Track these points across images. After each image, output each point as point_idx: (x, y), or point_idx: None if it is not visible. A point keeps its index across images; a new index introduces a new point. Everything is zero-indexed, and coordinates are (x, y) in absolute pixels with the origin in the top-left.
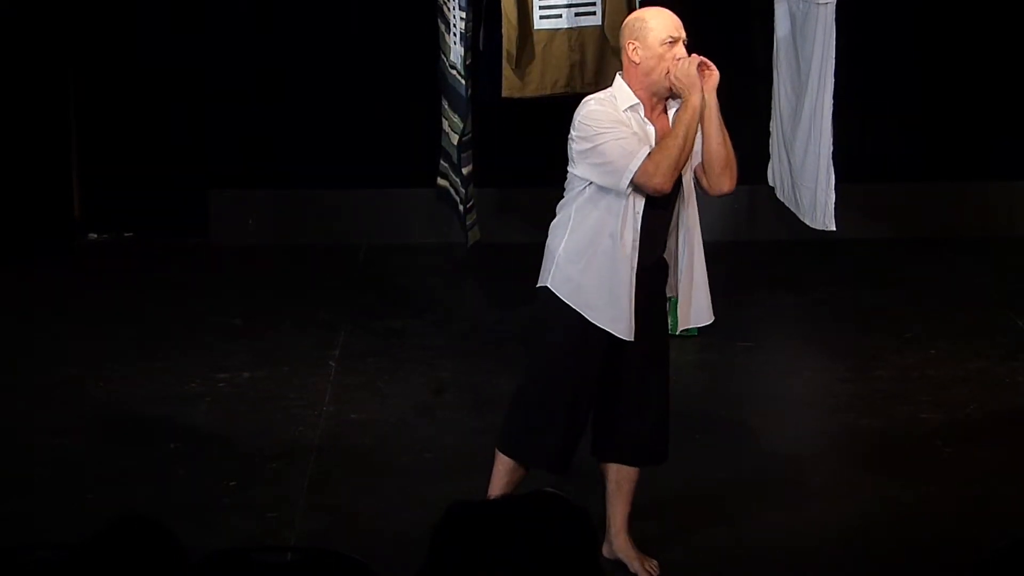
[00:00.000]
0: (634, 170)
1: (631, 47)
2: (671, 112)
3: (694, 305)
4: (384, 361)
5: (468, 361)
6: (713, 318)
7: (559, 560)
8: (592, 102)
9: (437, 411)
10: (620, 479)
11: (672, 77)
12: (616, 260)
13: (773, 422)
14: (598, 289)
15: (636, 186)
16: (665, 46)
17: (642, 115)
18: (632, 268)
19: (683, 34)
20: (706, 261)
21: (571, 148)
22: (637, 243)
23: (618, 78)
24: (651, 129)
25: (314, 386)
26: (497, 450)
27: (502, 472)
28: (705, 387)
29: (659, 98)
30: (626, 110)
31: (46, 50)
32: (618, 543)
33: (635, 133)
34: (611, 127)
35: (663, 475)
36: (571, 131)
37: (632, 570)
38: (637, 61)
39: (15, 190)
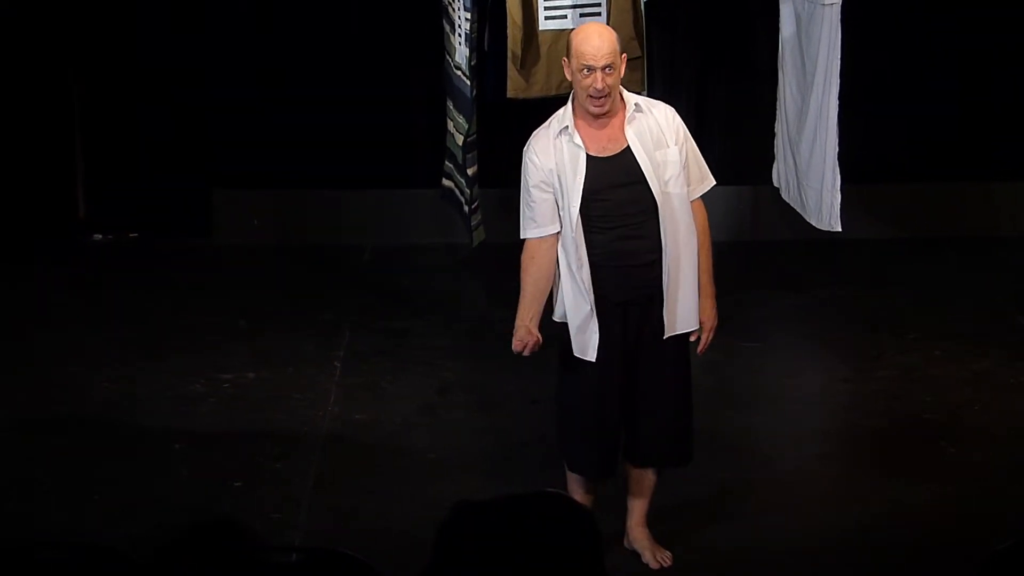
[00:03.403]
0: (523, 236)
1: (564, 65)
2: (631, 125)
3: (679, 311)
4: (388, 361)
5: (472, 361)
6: (698, 326)
7: (563, 560)
8: (534, 139)
9: (441, 411)
10: (639, 477)
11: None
12: (577, 286)
13: (776, 422)
14: (574, 321)
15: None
16: (581, 72)
17: (574, 138)
18: (587, 288)
19: (602, 63)
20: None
21: None
22: (585, 260)
23: (572, 93)
24: (581, 153)
25: (318, 386)
26: None
27: (571, 483)
28: (709, 387)
29: (598, 111)
30: (559, 134)
31: (49, 51)
32: (635, 535)
33: (548, 195)
34: (525, 184)
35: (669, 474)
36: None
37: (644, 560)
38: (568, 78)
39: (20, 191)
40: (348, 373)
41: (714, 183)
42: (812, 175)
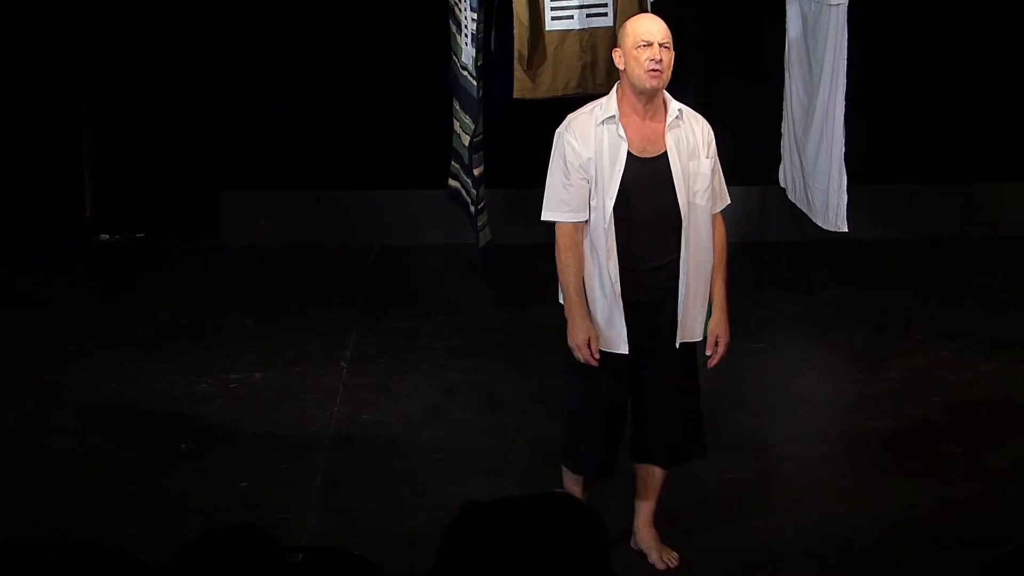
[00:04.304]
0: (550, 218)
1: (616, 55)
2: (671, 132)
3: (692, 321)
4: (395, 362)
5: (479, 362)
6: (701, 338)
7: (571, 561)
8: (573, 122)
9: (448, 412)
10: (647, 476)
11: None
12: (602, 279)
13: (783, 423)
14: (594, 315)
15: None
16: (639, 48)
17: (618, 129)
18: (613, 281)
19: (659, 39)
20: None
21: None
22: (614, 253)
23: (616, 85)
24: (623, 145)
25: (325, 387)
26: None
27: (567, 482)
28: (716, 388)
29: (647, 97)
30: (602, 122)
31: (57, 53)
32: (641, 535)
33: (584, 181)
34: (564, 166)
35: (674, 475)
36: None
37: (650, 560)
38: (621, 67)
39: (28, 191)
40: (355, 373)
41: (729, 203)
42: (818, 176)
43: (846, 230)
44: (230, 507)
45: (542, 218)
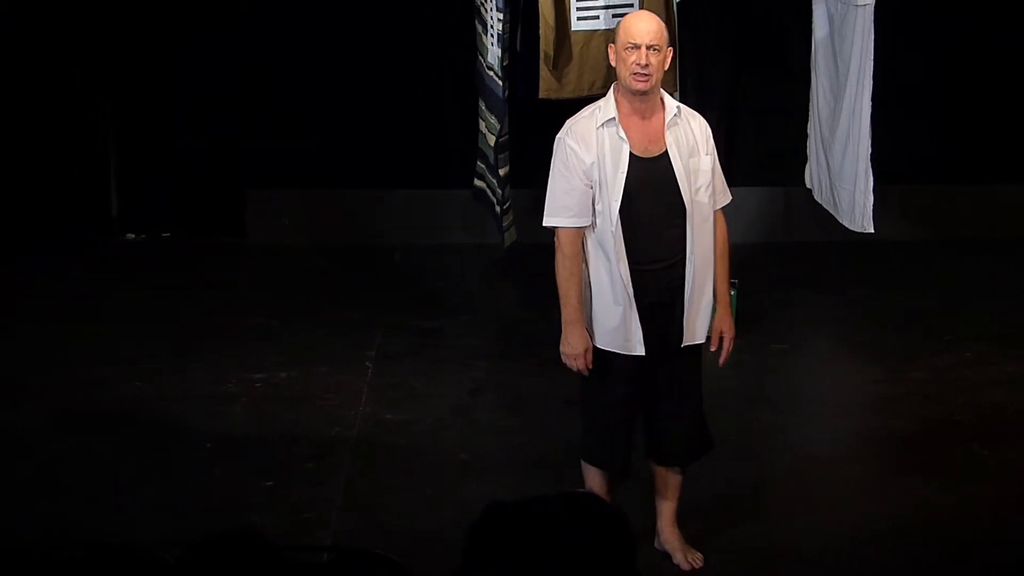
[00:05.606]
0: (552, 224)
1: (611, 51)
2: (670, 130)
3: (699, 321)
4: (420, 361)
5: (503, 361)
6: (704, 339)
7: (596, 561)
8: (574, 126)
9: (473, 412)
10: (666, 476)
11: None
12: (614, 282)
13: (807, 423)
14: (607, 318)
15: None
16: (626, 50)
17: (618, 131)
18: (626, 283)
19: (647, 41)
20: (742, 263)
21: None
22: (624, 255)
23: (614, 84)
24: (625, 147)
25: (350, 386)
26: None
27: (590, 482)
28: (740, 388)
29: (642, 97)
30: (602, 125)
31: (82, 53)
32: (665, 535)
33: (587, 186)
34: (566, 171)
35: (697, 475)
36: None
37: (675, 561)
38: (613, 64)
39: (53, 189)
40: (380, 373)
41: (730, 199)
42: (845, 176)
43: (872, 231)
44: (254, 506)
45: (544, 224)
